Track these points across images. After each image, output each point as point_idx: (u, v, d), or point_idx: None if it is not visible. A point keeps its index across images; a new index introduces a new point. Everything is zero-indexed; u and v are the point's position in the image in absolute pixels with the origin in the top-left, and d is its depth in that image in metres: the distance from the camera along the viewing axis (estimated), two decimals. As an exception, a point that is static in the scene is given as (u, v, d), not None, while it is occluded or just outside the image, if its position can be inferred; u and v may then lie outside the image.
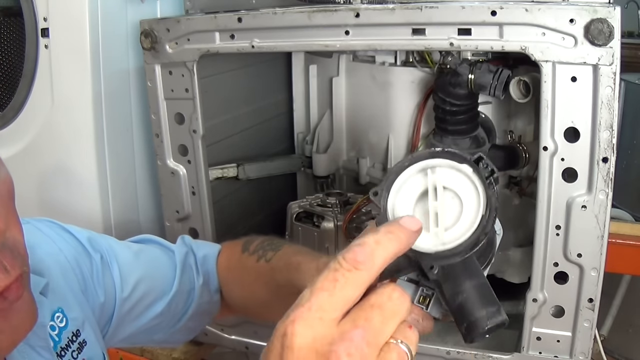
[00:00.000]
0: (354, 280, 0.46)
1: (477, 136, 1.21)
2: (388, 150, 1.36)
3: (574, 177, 0.95)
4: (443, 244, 0.56)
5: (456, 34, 0.96)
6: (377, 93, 1.35)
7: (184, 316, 0.95)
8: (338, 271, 0.46)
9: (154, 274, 0.93)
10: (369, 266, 0.46)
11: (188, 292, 0.95)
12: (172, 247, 0.98)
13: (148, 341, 0.97)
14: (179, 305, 0.94)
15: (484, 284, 0.57)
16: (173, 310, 0.93)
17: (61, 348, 0.73)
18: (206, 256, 0.99)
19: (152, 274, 0.92)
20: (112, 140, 1.33)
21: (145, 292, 0.90)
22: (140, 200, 1.44)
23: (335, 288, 0.45)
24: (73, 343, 0.74)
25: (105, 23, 1.27)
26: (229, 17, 1.09)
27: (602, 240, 0.96)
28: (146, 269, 0.91)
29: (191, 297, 0.95)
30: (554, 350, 1.05)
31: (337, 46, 1.05)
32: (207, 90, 1.24)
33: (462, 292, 0.56)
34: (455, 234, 0.56)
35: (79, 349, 0.75)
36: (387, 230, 0.49)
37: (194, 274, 0.96)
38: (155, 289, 0.92)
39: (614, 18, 0.86)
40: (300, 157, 1.55)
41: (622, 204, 1.49)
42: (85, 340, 0.76)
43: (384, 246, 0.48)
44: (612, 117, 0.90)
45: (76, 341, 0.75)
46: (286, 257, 0.93)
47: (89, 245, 0.86)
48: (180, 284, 0.93)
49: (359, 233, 1.29)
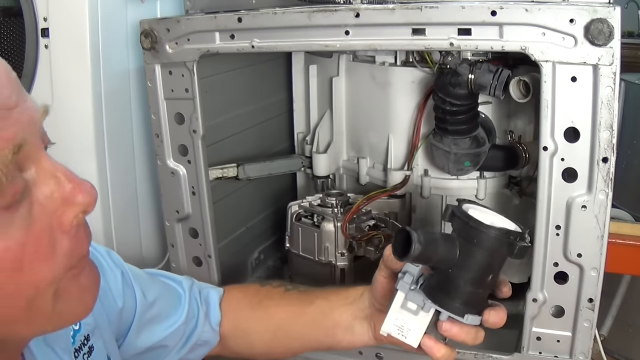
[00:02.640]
0: None
1: (477, 136, 1.21)
2: (388, 150, 1.36)
3: (574, 177, 0.95)
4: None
5: (456, 34, 0.96)
6: (377, 93, 1.35)
7: (185, 345, 0.96)
8: None
9: (167, 297, 0.95)
10: None
11: (192, 320, 0.97)
12: (179, 278, 1.01)
13: None
14: (185, 332, 0.96)
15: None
16: (181, 335, 0.95)
17: (75, 349, 0.73)
18: (209, 292, 1.02)
19: (165, 297, 0.95)
20: (112, 140, 1.33)
21: (161, 309, 0.93)
22: (140, 200, 1.44)
23: None
24: (84, 346, 0.75)
25: (105, 23, 1.27)
26: (229, 17, 1.09)
27: (602, 240, 0.96)
28: (160, 292, 0.94)
29: (194, 326, 0.97)
30: (554, 350, 1.05)
31: (337, 46, 1.05)
32: (207, 90, 1.24)
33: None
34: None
35: (89, 352, 0.75)
36: None
37: (198, 304, 0.98)
38: (168, 310, 0.94)
39: (614, 18, 0.86)
40: (300, 157, 1.55)
41: (622, 204, 1.49)
42: (93, 346, 0.76)
43: None
44: (612, 117, 0.90)
45: (86, 345, 0.76)
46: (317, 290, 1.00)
47: (109, 259, 0.88)
48: (188, 310, 0.96)
49: (359, 233, 1.29)
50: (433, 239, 0.71)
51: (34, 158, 0.52)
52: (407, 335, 0.75)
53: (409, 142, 1.34)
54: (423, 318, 0.75)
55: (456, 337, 0.75)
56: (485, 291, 0.75)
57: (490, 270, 0.73)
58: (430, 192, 1.34)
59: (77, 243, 0.55)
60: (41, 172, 0.53)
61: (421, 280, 0.76)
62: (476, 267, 0.72)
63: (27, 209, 0.51)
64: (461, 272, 0.72)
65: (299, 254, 1.35)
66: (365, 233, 1.30)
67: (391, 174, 1.34)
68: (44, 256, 0.52)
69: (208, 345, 0.99)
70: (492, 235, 0.70)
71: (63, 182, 0.53)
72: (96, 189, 0.56)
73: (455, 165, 1.23)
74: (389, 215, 1.36)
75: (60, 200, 0.53)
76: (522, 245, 0.71)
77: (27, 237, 0.50)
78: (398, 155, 1.35)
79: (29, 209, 0.51)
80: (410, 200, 1.38)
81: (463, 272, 0.72)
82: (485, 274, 0.73)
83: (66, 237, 0.54)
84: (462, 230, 0.72)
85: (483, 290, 0.74)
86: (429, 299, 0.73)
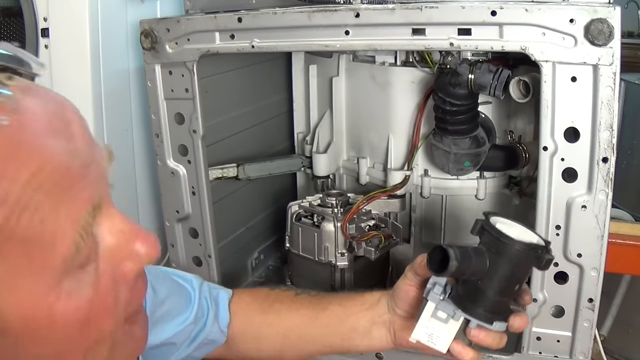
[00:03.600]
0: None
1: (477, 136, 1.21)
2: (388, 150, 1.36)
3: (574, 177, 0.95)
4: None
5: (456, 34, 0.96)
6: (377, 93, 1.35)
7: (192, 343, 0.96)
8: None
9: (177, 295, 0.95)
10: None
11: (201, 319, 0.97)
12: (189, 277, 1.01)
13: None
14: (193, 330, 0.96)
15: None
16: (189, 333, 0.95)
17: None
18: (219, 292, 1.02)
19: (175, 295, 0.95)
20: (112, 140, 1.33)
21: (171, 307, 0.93)
22: (140, 200, 1.44)
23: None
24: None
25: (105, 23, 1.27)
26: (229, 17, 1.09)
27: (602, 240, 0.96)
28: (170, 290, 0.95)
29: (203, 324, 0.97)
30: (554, 350, 1.05)
31: (337, 46, 1.05)
32: (207, 90, 1.25)
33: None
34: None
35: None
36: None
37: (207, 303, 0.98)
38: (178, 307, 0.94)
39: (614, 18, 0.86)
40: (300, 157, 1.55)
41: (622, 204, 1.49)
42: None
43: None
44: (612, 117, 0.90)
45: None
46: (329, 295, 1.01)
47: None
48: (198, 309, 0.96)
49: (359, 233, 1.29)
50: (467, 255, 0.75)
51: (104, 212, 0.51)
52: (436, 342, 0.80)
53: (409, 142, 1.34)
54: (452, 326, 0.79)
55: (483, 342, 0.79)
56: (510, 299, 0.80)
57: (517, 282, 0.78)
58: (430, 192, 1.34)
59: (136, 293, 0.55)
60: (110, 225, 0.52)
61: (448, 289, 0.80)
62: (504, 278, 0.77)
63: (94, 265, 0.50)
64: (490, 283, 0.76)
65: (299, 254, 1.35)
66: (365, 233, 1.30)
67: (391, 174, 1.34)
68: (108, 309, 0.52)
69: (214, 344, 0.99)
70: (521, 250, 0.75)
71: (129, 236, 0.53)
72: (158, 240, 0.55)
73: (455, 165, 1.23)
74: (389, 215, 1.36)
75: (126, 254, 0.53)
76: (548, 258, 0.76)
77: (94, 293, 0.50)
78: (398, 155, 1.35)
79: (96, 265, 0.50)
80: (410, 200, 1.38)
81: (492, 283, 0.76)
82: (513, 284, 0.78)
83: (127, 287, 0.53)
84: (491, 244, 0.76)
85: (509, 298, 0.79)
86: (459, 309, 0.78)
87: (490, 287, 0.76)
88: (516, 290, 0.79)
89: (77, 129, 0.51)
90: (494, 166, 1.29)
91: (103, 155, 0.54)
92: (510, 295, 0.79)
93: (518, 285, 0.79)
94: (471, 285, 0.77)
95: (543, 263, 0.76)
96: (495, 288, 0.76)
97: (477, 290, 0.77)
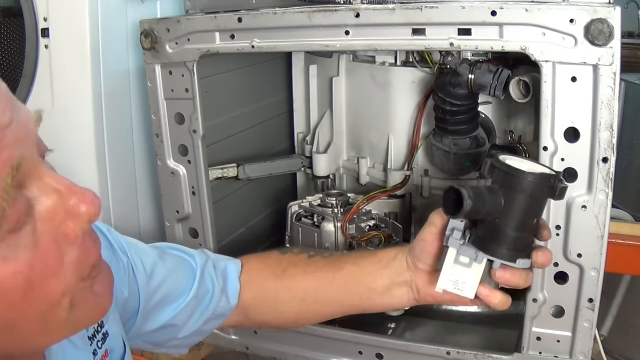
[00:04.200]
0: None
1: (477, 136, 1.21)
2: (388, 150, 1.36)
3: (574, 177, 0.95)
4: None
5: (456, 34, 0.96)
6: (377, 93, 1.35)
7: (199, 319, 0.96)
8: None
9: (176, 275, 0.95)
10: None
11: (205, 296, 0.96)
12: (193, 252, 1.01)
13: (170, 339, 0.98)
14: (196, 308, 0.96)
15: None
16: (190, 312, 0.95)
17: (88, 337, 0.73)
18: (227, 264, 1.01)
19: (174, 275, 0.94)
20: (112, 140, 1.33)
21: (168, 291, 0.92)
22: (140, 200, 1.44)
23: None
24: (98, 333, 0.75)
25: (105, 23, 1.27)
26: (229, 17, 1.09)
27: (602, 240, 0.96)
28: (169, 270, 0.94)
29: (208, 301, 0.97)
30: (554, 350, 1.05)
31: (337, 46, 1.04)
32: (207, 90, 1.24)
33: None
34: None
35: (103, 339, 0.75)
36: None
37: (213, 279, 0.98)
38: (177, 289, 0.94)
39: (614, 18, 0.86)
40: (300, 157, 1.55)
41: (622, 204, 1.49)
42: (107, 331, 0.77)
43: None
44: (612, 117, 0.90)
45: (100, 331, 0.76)
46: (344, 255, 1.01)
47: (117, 247, 0.88)
48: (199, 287, 0.95)
49: (359, 233, 1.29)
50: (480, 193, 0.74)
51: (33, 174, 0.50)
52: (462, 289, 0.79)
53: (409, 142, 1.34)
54: (476, 269, 0.78)
55: (509, 282, 0.78)
56: (531, 235, 0.79)
57: (534, 214, 0.77)
58: (430, 192, 1.34)
59: (85, 252, 0.54)
60: (42, 187, 0.51)
61: (467, 233, 0.79)
62: (521, 213, 0.76)
63: (31, 227, 0.49)
64: (507, 220, 0.76)
65: (299, 254, 1.34)
66: (365, 233, 1.30)
67: (391, 174, 1.34)
68: (52, 271, 0.51)
69: (223, 317, 0.99)
70: (533, 181, 0.74)
71: (65, 194, 0.52)
72: (99, 196, 0.54)
73: (456, 165, 1.23)
74: (389, 215, 1.36)
75: (64, 214, 0.52)
76: (562, 187, 0.75)
77: (33, 256, 0.49)
78: (398, 155, 1.35)
79: (33, 227, 0.50)
80: (410, 200, 1.38)
81: (509, 220, 0.75)
82: (530, 218, 0.77)
83: (73, 247, 0.53)
84: (504, 180, 0.76)
85: (529, 234, 0.78)
86: (481, 251, 0.77)
87: (508, 224, 0.75)
88: (534, 225, 0.78)
89: None
90: (494, 166, 1.29)
91: (29, 117, 0.51)
92: (529, 230, 0.78)
93: (535, 219, 0.78)
94: (489, 226, 0.77)
95: (557, 192, 0.75)
96: (513, 224, 0.75)
97: (496, 229, 0.76)
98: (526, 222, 0.76)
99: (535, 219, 0.78)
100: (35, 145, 0.52)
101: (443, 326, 1.27)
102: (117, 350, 0.79)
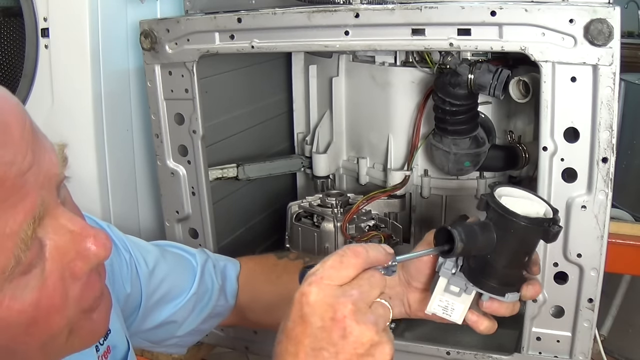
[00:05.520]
0: (353, 264, 0.65)
1: (476, 136, 1.21)
2: (388, 150, 1.36)
3: (574, 177, 0.95)
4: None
5: (456, 34, 0.96)
6: (377, 93, 1.35)
7: (198, 317, 0.97)
8: (343, 256, 0.65)
9: (177, 273, 0.96)
10: (363, 257, 0.66)
11: (205, 294, 0.97)
12: (193, 251, 1.02)
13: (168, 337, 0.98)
14: (196, 305, 0.96)
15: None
16: (190, 310, 0.96)
17: None
18: (226, 264, 1.03)
19: (175, 272, 0.96)
20: (112, 140, 1.33)
21: (169, 288, 0.94)
22: (140, 201, 1.44)
23: (340, 266, 0.65)
24: None
25: (105, 23, 1.27)
26: (228, 18, 1.09)
27: (602, 241, 0.96)
28: (171, 268, 0.95)
29: (207, 300, 0.98)
30: (554, 350, 1.05)
31: (336, 46, 1.05)
32: (207, 91, 1.24)
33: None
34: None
35: (105, 335, 0.75)
36: (376, 246, 0.69)
37: (212, 278, 0.99)
38: (178, 286, 0.95)
39: (613, 18, 0.86)
40: (300, 157, 1.55)
41: (622, 204, 1.49)
42: (110, 328, 0.77)
43: (373, 251, 0.68)
44: (611, 118, 0.90)
45: None
46: None
47: (120, 244, 0.89)
48: (199, 285, 0.96)
49: (359, 233, 1.29)
50: (473, 233, 0.75)
51: (50, 214, 0.50)
52: (451, 314, 0.81)
53: (408, 142, 1.34)
54: (466, 298, 0.80)
55: (496, 313, 0.80)
56: (521, 270, 0.80)
57: (526, 254, 0.79)
58: (430, 192, 1.34)
59: (89, 287, 0.55)
60: (57, 227, 0.50)
61: (460, 262, 0.80)
62: (513, 252, 0.77)
63: (40, 268, 0.49)
64: (499, 257, 0.77)
65: (299, 254, 1.35)
66: (365, 233, 1.30)
67: (391, 174, 1.34)
68: (56, 308, 0.51)
69: (221, 316, 1.01)
70: (527, 226, 0.75)
71: (79, 236, 0.52)
72: (110, 239, 0.54)
73: (455, 165, 1.23)
74: (389, 215, 1.36)
75: (75, 254, 0.52)
76: (556, 231, 0.76)
77: (40, 295, 0.49)
78: (398, 155, 1.35)
79: (43, 268, 0.50)
80: (410, 200, 1.38)
81: (500, 257, 0.77)
82: (522, 257, 0.79)
83: (78, 283, 0.53)
84: (498, 220, 0.76)
85: (519, 270, 0.80)
86: (471, 282, 0.79)
87: (499, 261, 0.77)
88: (526, 262, 0.79)
89: (16, 132, 0.47)
90: (494, 166, 1.29)
91: (50, 149, 0.51)
92: (519, 266, 0.79)
93: (527, 257, 0.79)
94: (481, 259, 0.78)
95: (551, 235, 0.76)
96: (504, 261, 0.77)
97: (487, 264, 0.77)
98: (517, 260, 0.78)
99: (527, 257, 0.79)
100: (56, 186, 0.51)
101: (443, 326, 1.26)
102: (119, 347, 0.79)
